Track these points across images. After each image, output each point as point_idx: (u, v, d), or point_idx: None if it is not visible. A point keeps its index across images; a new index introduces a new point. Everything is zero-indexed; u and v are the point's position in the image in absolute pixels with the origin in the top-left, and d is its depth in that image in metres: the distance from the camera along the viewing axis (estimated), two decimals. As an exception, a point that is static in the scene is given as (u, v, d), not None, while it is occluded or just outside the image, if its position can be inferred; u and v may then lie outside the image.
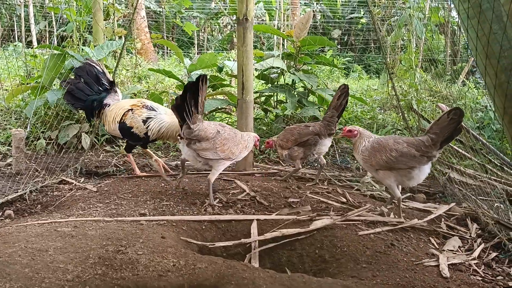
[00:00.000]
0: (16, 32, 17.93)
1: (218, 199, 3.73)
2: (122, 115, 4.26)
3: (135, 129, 4.22)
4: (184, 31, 8.56)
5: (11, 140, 4.63)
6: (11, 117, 6.40)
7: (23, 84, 6.42)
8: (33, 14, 15.13)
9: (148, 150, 4.61)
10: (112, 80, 4.58)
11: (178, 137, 3.64)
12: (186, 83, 3.51)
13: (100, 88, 4.48)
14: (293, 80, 6.27)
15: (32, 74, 7.14)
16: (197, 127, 3.45)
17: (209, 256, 2.70)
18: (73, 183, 4.29)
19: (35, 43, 14.83)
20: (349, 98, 7.55)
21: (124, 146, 4.69)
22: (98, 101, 4.42)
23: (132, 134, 4.26)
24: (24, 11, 15.51)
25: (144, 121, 4.21)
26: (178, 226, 3.17)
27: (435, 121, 3.22)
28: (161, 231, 3.01)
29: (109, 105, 4.40)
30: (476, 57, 2.19)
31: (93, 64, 4.52)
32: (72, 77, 4.60)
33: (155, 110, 4.28)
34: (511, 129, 2.08)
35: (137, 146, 4.64)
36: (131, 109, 4.26)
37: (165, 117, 4.24)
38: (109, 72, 6.09)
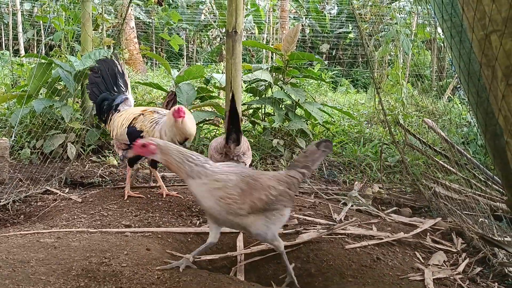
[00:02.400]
0: (3, 40, 17.79)
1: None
2: (132, 119, 3.90)
3: (145, 134, 3.77)
4: (172, 45, 8.57)
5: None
6: (-5, 126, 6.33)
7: (8, 92, 6.36)
8: (21, 23, 15.04)
9: (157, 172, 4.25)
10: (128, 84, 4.34)
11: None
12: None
13: (115, 89, 4.21)
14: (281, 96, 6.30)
15: (18, 82, 7.08)
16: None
17: (194, 269, 2.67)
18: (57, 193, 4.23)
19: (22, 52, 14.73)
20: (337, 111, 7.66)
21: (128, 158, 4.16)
22: (108, 104, 4.12)
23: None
24: (12, 20, 15.42)
25: (154, 125, 3.85)
26: (163, 238, 3.15)
27: (302, 153, 2.83)
28: (146, 243, 2.98)
29: (119, 111, 4.08)
30: (459, 74, 2.22)
31: (116, 61, 4.29)
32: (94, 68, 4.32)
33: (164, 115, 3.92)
34: (492, 145, 2.12)
35: (141, 163, 4.24)
36: (142, 114, 3.93)
37: (165, 118, 3.84)
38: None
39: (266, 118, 6.60)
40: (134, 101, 4.74)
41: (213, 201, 2.46)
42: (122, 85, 4.25)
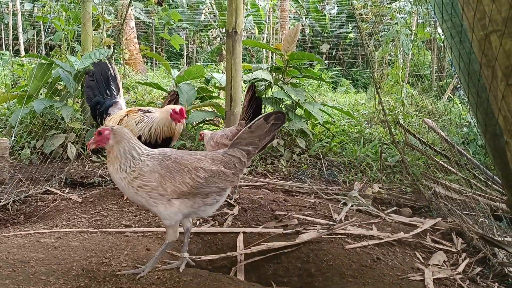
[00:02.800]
0: (3, 40, 17.80)
1: None
2: (118, 122, 3.90)
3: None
4: (172, 44, 8.59)
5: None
6: (-4, 126, 6.33)
7: (9, 92, 6.36)
8: (21, 23, 15.04)
9: None
10: (120, 87, 4.31)
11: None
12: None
13: (107, 92, 4.20)
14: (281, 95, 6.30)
15: (19, 82, 7.08)
16: None
17: (194, 269, 2.67)
18: (57, 193, 4.23)
19: (22, 52, 14.73)
20: (337, 111, 7.66)
21: None
22: (102, 108, 4.10)
23: None
24: (12, 20, 15.42)
25: (137, 123, 3.82)
26: (163, 238, 3.15)
27: (247, 128, 2.54)
28: (146, 243, 2.98)
29: (109, 114, 4.08)
30: (459, 74, 2.22)
31: (109, 64, 4.27)
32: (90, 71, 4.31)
33: (150, 112, 3.91)
34: (492, 145, 2.11)
35: None
36: (127, 115, 3.93)
37: (155, 114, 3.78)
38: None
39: (266, 118, 6.60)
40: (134, 101, 4.75)
41: (133, 193, 2.39)
42: (114, 89, 4.25)
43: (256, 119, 2.53)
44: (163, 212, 2.43)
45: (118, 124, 3.80)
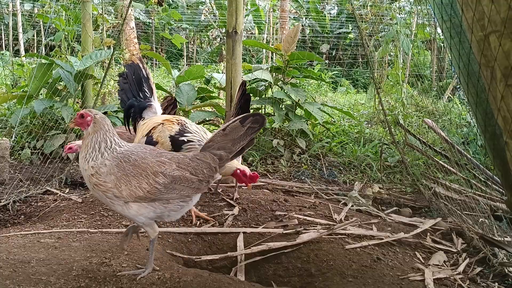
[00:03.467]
0: (3, 40, 17.80)
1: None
2: (152, 128, 3.49)
3: (159, 145, 3.31)
4: (174, 42, 8.59)
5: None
6: (-4, 126, 6.33)
7: (9, 92, 6.37)
8: (21, 23, 15.04)
9: None
10: (153, 89, 3.97)
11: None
12: None
13: (140, 95, 3.86)
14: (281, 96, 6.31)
15: (19, 83, 7.09)
16: None
17: (194, 269, 2.68)
18: (57, 193, 4.24)
19: (22, 52, 14.74)
20: (337, 111, 7.66)
21: None
22: (134, 111, 3.74)
23: None
24: (12, 20, 15.43)
25: (172, 138, 3.33)
26: (164, 238, 3.15)
27: (221, 131, 2.41)
28: (146, 243, 2.98)
29: (144, 118, 3.72)
30: (459, 75, 2.23)
31: (141, 65, 3.94)
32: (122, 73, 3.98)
33: (192, 132, 3.36)
34: (492, 145, 2.12)
35: None
36: (162, 123, 3.49)
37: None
38: (97, 82, 6.11)
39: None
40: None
41: (91, 188, 2.34)
42: (147, 90, 3.89)
43: (232, 120, 2.39)
44: (123, 212, 2.39)
45: (149, 132, 3.43)
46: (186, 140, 3.25)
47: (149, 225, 2.44)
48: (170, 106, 4.42)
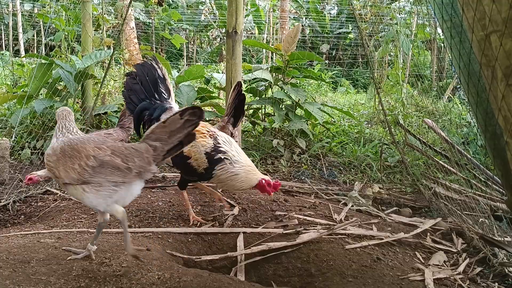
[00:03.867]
0: (3, 40, 17.81)
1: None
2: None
3: (192, 161, 3.24)
4: (173, 43, 8.60)
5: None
6: (-4, 126, 6.33)
7: (9, 92, 6.36)
8: (21, 23, 15.04)
9: (186, 194, 3.64)
10: (170, 90, 3.71)
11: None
12: None
13: (156, 96, 3.60)
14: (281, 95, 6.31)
15: (19, 83, 7.08)
16: None
17: (194, 269, 2.68)
18: (57, 193, 4.23)
19: (22, 52, 14.74)
20: (337, 111, 7.66)
21: (178, 181, 3.66)
22: (150, 114, 3.51)
23: (186, 166, 3.29)
24: (12, 20, 15.43)
25: (208, 155, 3.23)
26: (163, 239, 3.15)
27: (161, 123, 2.43)
28: (146, 243, 2.98)
29: None
30: (459, 75, 2.23)
31: (156, 65, 3.65)
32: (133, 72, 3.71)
33: (225, 148, 3.28)
34: (492, 145, 2.12)
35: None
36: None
37: (238, 169, 3.26)
38: (97, 82, 6.11)
39: (266, 118, 6.60)
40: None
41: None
42: (164, 91, 3.64)
43: (173, 113, 2.40)
44: (77, 197, 2.52)
45: None
46: (222, 158, 3.22)
47: (100, 212, 2.57)
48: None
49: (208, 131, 3.33)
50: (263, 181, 3.27)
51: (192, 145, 3.21)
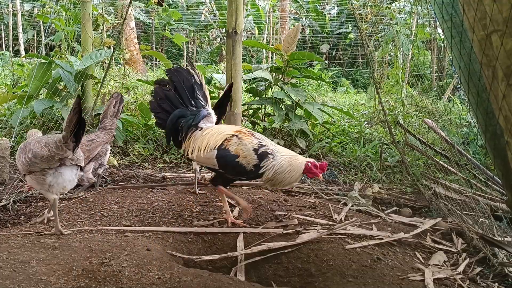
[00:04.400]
0: (3, 40, 17.81)
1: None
2: (224, 141, 3.30)
3: (241, 159, 3.22)
4: (174, 42, 8.62)
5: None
6: (-4, 126, 6.33)
7: (9, 92, 6.36)
8: (21, 23, 15.04)
9: (226, 194, 3.54)
10: (207, 96, 3.63)
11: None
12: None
13: (193, 103, 3.51)
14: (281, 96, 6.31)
15: (19, 83, 7.08)
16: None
17: (194, 269, 2.68)
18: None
19: (22, 52, 14.74)
20: (337, 111, 7.66)
21: (212, 178, 3.60)
22: (187, 121, 3.45)
23: (236, 165, 3.25)
24: (12, 20, 15.43)
25: (256, 151, 3.22)
26: (163, 238, 3.15)
27: (66, 117, 2.88)
28: (146, 243, 2.98)
29: (201, 129, 3.45)
30: (460, 74, 2.23)
31: (192, 70, 3.57)
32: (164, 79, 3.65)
33: (267, 144, 3.30)
34: (492, 145, 2.12)
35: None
36: (236, 135, 3.31)
37: (281, 159, 3.24)
38: (97, 82, 6.10)
39: (266, 119, 6.60)
40: (135, 102, 4.73)
41: None
42: (201, 98, 3.55)
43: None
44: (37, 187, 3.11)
45: (221, 144, 3.29)
46: (269, 153, 3.23)
47: (46, 194, 3.13)
48: (118, 103, 4.48)
49: (248, 131, 3.37)
50: (309, 163, 3.19)
51: (239, 144, 3.24)
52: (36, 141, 3.02)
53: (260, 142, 3.27)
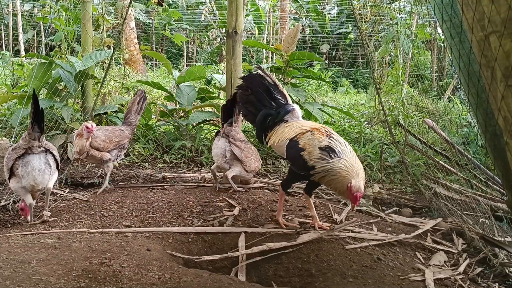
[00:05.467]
0: (3, 40, 17.81)
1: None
2: (298, 134, 3.35)
3: (305, 153, 3.22)
4: (173, 42, 8.63)
5: (-4, 150, 4.57)
6: (-4, 126, 6.33)
7: (9, 92, 6.36)
8: (21, 23, 15.05)
9: (310, 200, 3.54)
10: (285, 94, 3.70)
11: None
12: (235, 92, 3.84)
13: (273, 104, 3.64)
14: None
15: (19, 83, 7.08)
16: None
17: (195, 269, 2.68)
18: (57, 193, 4.24)
19: (22, 52, 14.75)
20: (337, 111, 7.66)
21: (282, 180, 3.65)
22: (273, 118, 3.58)
23: (298, 158, 3.26)
24: (12, 20, 15.43)
25: (322, 150, 3.17)
26: (164, 239, 3.15)
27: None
28: (146, 244, 2.98)
29: (287, 121, 3.54)
30: (459, 75, 2.23)
31: (264, 74, 3.67)
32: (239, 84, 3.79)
33: (335, 146, 3.20)
34: (492, 146, 2.12)
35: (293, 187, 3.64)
36: (311, 131, 3.33)
37: (339, 165, 3.10)
38: (97, 82, 6.10)
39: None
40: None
41: None
42: (280, 97, 3.65)
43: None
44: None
45: (294, 137, 3.34)
46: (333, 156, 3.13)
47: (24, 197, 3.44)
48: (141, 100, 4.66)
49: (326, 131, 3.33)
50: (355, 191, 3.03)
51: (309, 139, 3.26)
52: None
53: (330, 142, 3.22)
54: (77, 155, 4.31)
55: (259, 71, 3.67)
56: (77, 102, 6.08)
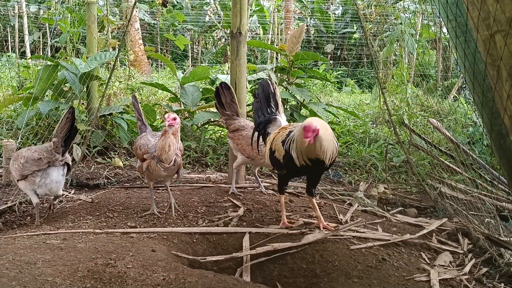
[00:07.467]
0: (9, 42, 17.91)
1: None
2: (272, 141, 3.46)
3: (276, 153, 3.35)
4: (177, 44, 8.63)
5: (2, 151, 4.60)
6: (2, 128, 6.36)
7: (15, 94, 6.40)
8: (27, 25, 15.13)
9: (314, 200, 3.49)
10: (278, 103, 3.79)
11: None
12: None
13: (268, 111, 3.77)
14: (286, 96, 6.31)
15: (25, 84, 7.12)
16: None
17: (199, 270, 2.68)
18: (63, 194, 4.25)
19: (28, 54, 14.82)
20: (342, 111, 7.65)
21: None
22: (260, 126, 3.74)
23: (274, 160, 3.41)
24: (18, 22, 15.52)
25: (283, 142, 3.26)
26: (169, 239, 3.16)
27: (58, 124, 3.42)
28: (151, 244, 2.99)
29: (269, 134, 3.64)
30: (465, 74, 2.22)
31: (269, 81, 3.81)
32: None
33: (292, 130, 3.29)
34: (498, 145, 2.10)
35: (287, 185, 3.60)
36: (279, 132, 3.44)
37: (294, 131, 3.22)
38: (102, 83, 6.12)
39: (271, 119, 6.59)
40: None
41: None
42: (273, 106, 3.77)
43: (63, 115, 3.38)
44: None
45: (271, 144, 3.43)
46: (290, 138, 3.20)
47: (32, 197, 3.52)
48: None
49: (292, 125, 3.44)
50: (302, 125, 2.97)
51: (276, 139, 3.40)
52: (27, 149, 3.49)
53: (290, 132, 3.27)
54: (159, 166, 3.51)
55: (267, 78, 3.85)
56: (82, 103, 6.10)
